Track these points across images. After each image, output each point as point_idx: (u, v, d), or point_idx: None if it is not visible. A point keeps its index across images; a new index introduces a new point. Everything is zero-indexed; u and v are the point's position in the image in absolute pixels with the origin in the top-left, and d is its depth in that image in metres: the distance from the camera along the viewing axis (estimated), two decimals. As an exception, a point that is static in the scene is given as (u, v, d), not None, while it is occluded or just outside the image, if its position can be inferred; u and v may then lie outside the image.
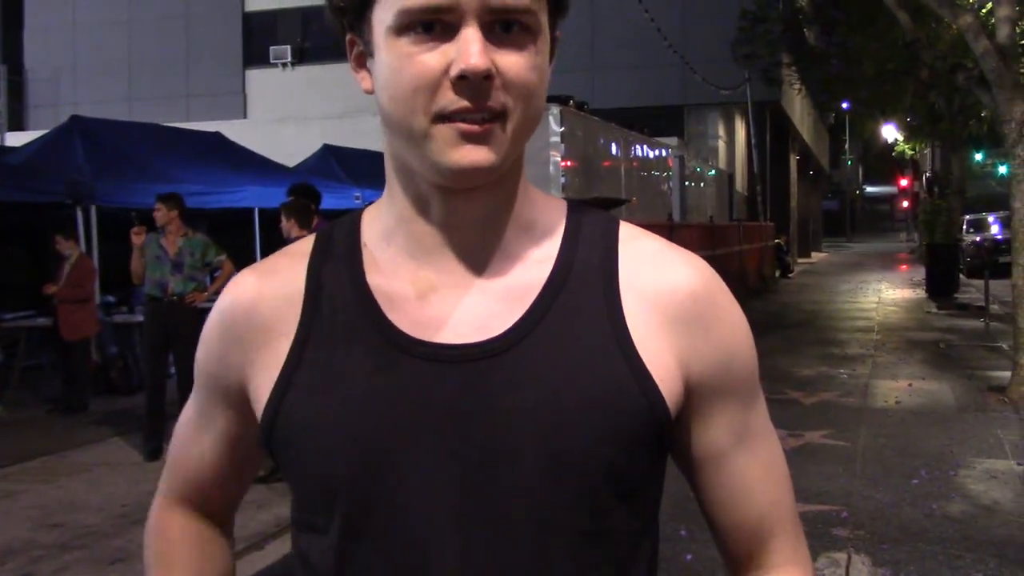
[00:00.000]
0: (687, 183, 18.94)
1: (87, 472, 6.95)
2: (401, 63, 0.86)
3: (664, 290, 0.93)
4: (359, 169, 15.19)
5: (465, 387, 0.89)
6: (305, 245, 1.03)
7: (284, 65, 27.40)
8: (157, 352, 7.40)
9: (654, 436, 0.92)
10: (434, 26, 0.85)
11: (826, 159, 50.38)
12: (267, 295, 0.99)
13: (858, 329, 14.64)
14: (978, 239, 25.17)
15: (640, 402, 0.90)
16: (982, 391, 9.20)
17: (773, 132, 28.62)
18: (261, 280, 1.01)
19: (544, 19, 0.89)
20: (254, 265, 1.04)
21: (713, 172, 22.70)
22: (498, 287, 0.94)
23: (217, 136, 14.51)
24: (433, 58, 0.85)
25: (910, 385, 9.60)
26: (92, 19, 29.05)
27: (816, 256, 39.82)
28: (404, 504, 0.89)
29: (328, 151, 16.15)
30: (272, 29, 27.75)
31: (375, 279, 0.96)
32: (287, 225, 6.58)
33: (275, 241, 7.04)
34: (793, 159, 34.48)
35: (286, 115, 25.94)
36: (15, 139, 22.72)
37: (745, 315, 1.01)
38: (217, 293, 7.03)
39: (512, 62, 0.86)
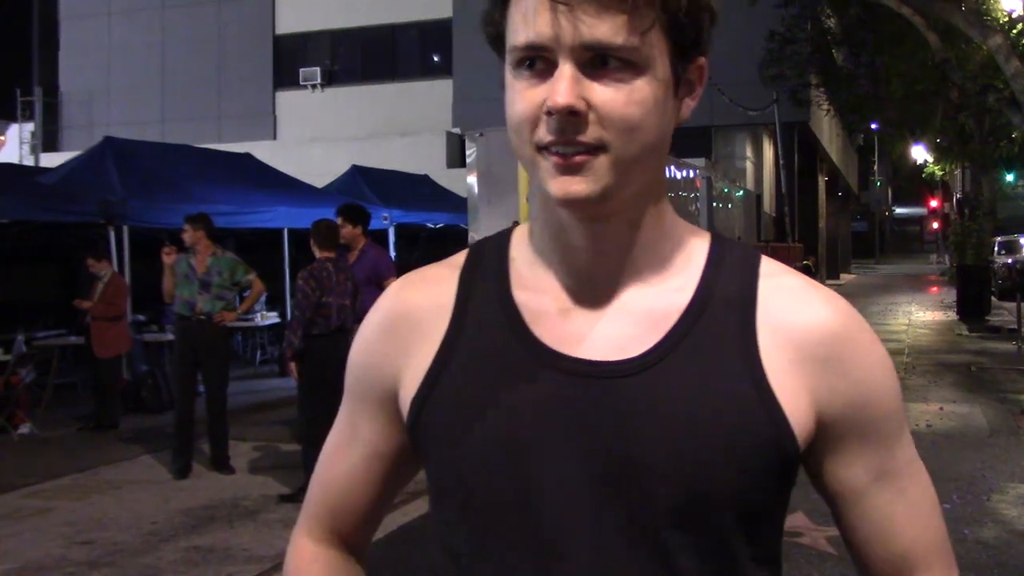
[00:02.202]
0: (715, 204, 18.88)
1: (117, 489, 7.00)
2: (513, 96, 0.93)
3: (801, 327, 0.95)
4: (387, 189, 15.29)
5: (601, 402, 0.94)
6: (460, 258, 1.09)
7: (313, 87, 27.66)
8: (186, 371, 7.46)
9: (780, 465, 0.94)
10: (536, 62, 0.90)
11: (855, 180, 50.09)
12: (424, 301, 1.05)
13: (888, 352, 14.48)
14: (1010, 261, 24.87)
15: (768, 431, 0.92)
16: (1015, 414, 9.08)
17: (801, 153, 28.51)
18: (421, 286, 1.07)
19: (654, 53, 0.90)
20: (415, 271, 1.11)
21: (741, 193, 22.62)
22: (637, 311, 0.98)
23: (247, 157, 14.67)
24: (534, 93, 0.90)
25: (941, 408, 9.50)
26: (126, 41, 29.48)
27: (845, 278, 39.52)
28: (538, 506, 0.94)
29: (356, 171, 16.27)
30: (302, 51, 28.04)
31: (521, 294, 1.02)
32: (312, 244, 6.71)
33: (303, 261, 7.11)
34: (821, 180, 34.33)
35: (315, 136, 26.17)
36: (50, 160, 23.06)
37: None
38: (247, 312, 7.11)
39: (608, 97, 0.89)
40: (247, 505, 6.45)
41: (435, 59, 27.36)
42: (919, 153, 42.01)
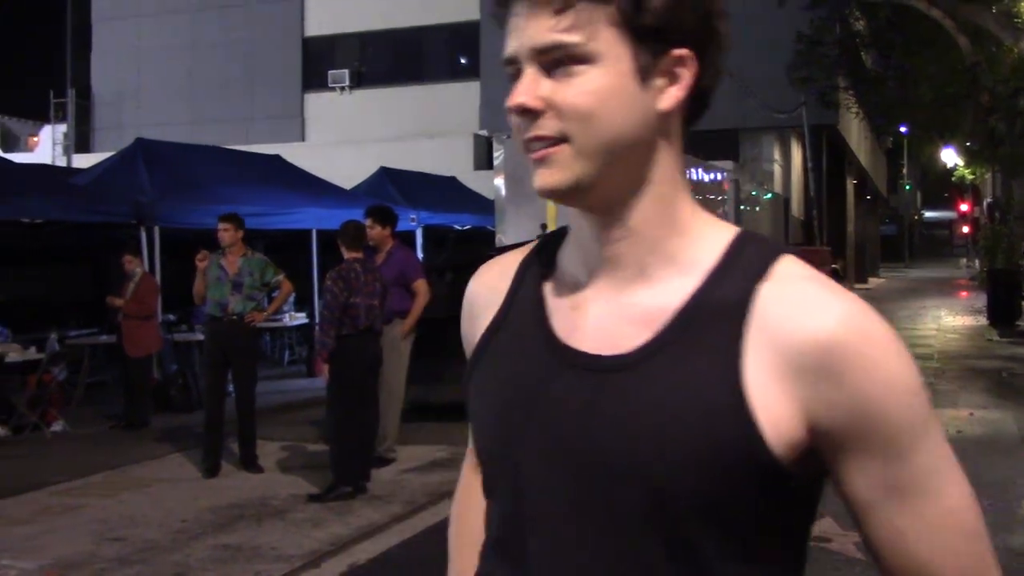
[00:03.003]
0: (742, 207, 18.82)
1: (148, 487, 7.08)
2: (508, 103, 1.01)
3: (793, 336, 0.93)
4: (415, 191, 15.34)
5: (585, 393, 1.00)
6: (530, 247, 1.19)
7: (342, 89, 27.79)
8: (216, 370, 7.52)
9: (755, 470, 0.93)
10: (517, 73, 1.00)
11: (884, 183, 49.70)
12: (491, 283, 1.18)
13: (917, 356, 14.25)
14: (1041, 265, 24.60)
15: (735, 437, 0.92)
16: (1046, 421, 8.99)
17: (830, 156, 28.33)
18: (493, 269, 1.20)
19: (604, 46, 0.96)
20: (496, 257, 1.22)
21: (769, 196, 22.52)
22: (635, 309, 1.01)
23: (276, 159, 14.77)
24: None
25: (971, 414, 9.42)
26: (156, 44, 29.74)
27: (873, 281, 39.22)
28: (520, 486, 1.03)
29: (384, 173, 16.34)
30: (330, 54, 28.18)
31: (550, 286, 1.11)
32: (340, 245, 6.77)
33: (332, 262, 7.16)
34: (850, 183, 34.08)
35: (344, 138, 26.29)
36: (82, 161, 23.31)
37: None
38: (276, 313, 7.16)
39: (562, 92, 0.96)
40: (275, 504, 6.50)
41: (463, 61, 27.41)
42: (949, 156, 41.63)
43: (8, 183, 9.82)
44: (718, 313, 0.97)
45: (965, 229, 48.65)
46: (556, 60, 0.96)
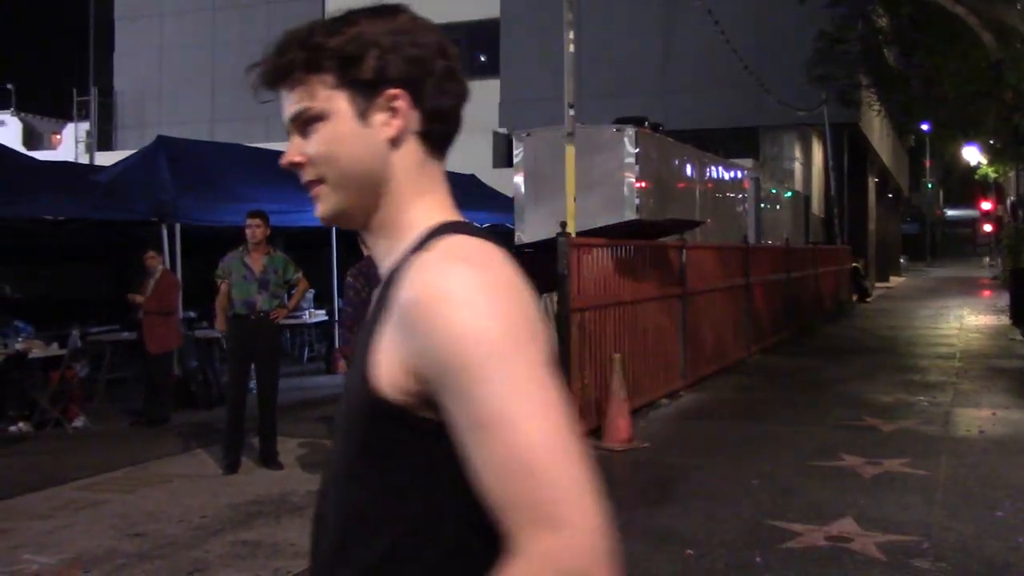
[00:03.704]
0: (763, 205, 18.72)
1: (168, 483, 7.12)
2: None
3: (399, 297, 1.15)
4: (433, 189, 15.33)
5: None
6: None
7: (361, 87, 27.85)
8: (242, 368, 7.56)
9: (382, 413, 1.16)
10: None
11: (906, 182, 49.32)
12: None
13: (939, 356, 14.28)
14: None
15: (369, 378, 1.17)
16: (1070, 422, 8.89)
17: (851, 154, 28.15)
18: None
19: (326, 103, 1.25)
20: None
21: (789, 194, 22.40)
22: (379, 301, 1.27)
23: (296, 156, 14.78)
24: None
25: (994, 414, 9.34)
26: (177, 42, 29.91)
27: (895, 280, 38.98)
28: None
29: (404, 171, 16.31)
30: (350, 51, 28.24)
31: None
32: (360, 242, 6.76)
33: (352, 260, 7.17)
34: (871, 181, 33.85)
35: (362, 136, 26.32)
36: (104, 159, 23.46)
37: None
38: (295, 310, 7.20)
39: (310, 146, 1.28)
40: (295, 501, 6.52)
41: (482, 59, 27.43)
42: (972, 154, 41.29)
43: (31, 181, 9.89)
44: (387, 284, 1.22)
45: (988, 228, 48.24)
46: (303, 123, 1.27)
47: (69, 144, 33.10)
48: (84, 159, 27.70)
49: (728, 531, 5.57)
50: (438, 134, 1.31)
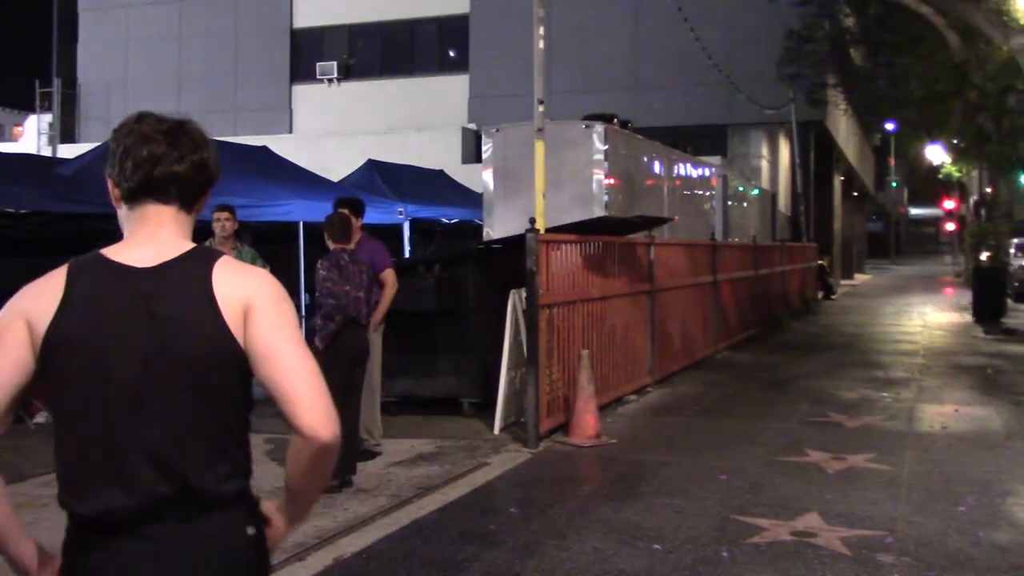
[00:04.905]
0: (730, 202, 18.84)
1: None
2: None
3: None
4: (402, 184, 15.29)
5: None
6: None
7: (330, 81, 27.71)
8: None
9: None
10: None
11: (871, 180, 49.84)
12: None
13: (902, 353, 14.45)
14: (1026, 263, 24.72)
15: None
16: (1031, 418, 9.02)
17: (817, 152, 28.40)
18: None
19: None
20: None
21: (756, 192, 22.55)
22: None
23: (264, 150, 14.69)
24: None
25: (956, 410, 9.46)
26: (143, 34, 29.58)
27: (860, 278, 39.39)
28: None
29: (372, 166, 16.27)
30: (319, 45, 28.09)
31: None
32: (327, 238, 6.75)
33: (318, 254, 7.12)
34: (837, 180, 34.17)
35: (331, 130, 26.21)
36: (67, 151, 23.15)
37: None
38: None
39: None
40: (260, 497, 6.45)
41: (452, 54, 27.37)
42: (936, 154, 41.77)
43: (-7, 172, 9.73)
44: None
45: (951, 226, 48.87)
46: None
47: (31, 136, 32.64)
48: (47, 151, 27.33)
49: (695, 526, 5.60)
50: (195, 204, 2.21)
